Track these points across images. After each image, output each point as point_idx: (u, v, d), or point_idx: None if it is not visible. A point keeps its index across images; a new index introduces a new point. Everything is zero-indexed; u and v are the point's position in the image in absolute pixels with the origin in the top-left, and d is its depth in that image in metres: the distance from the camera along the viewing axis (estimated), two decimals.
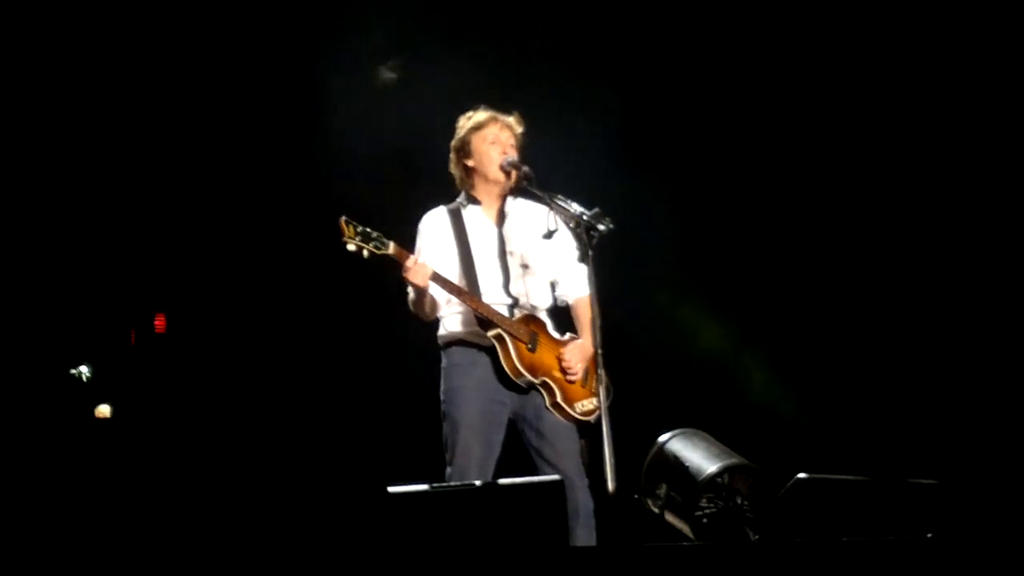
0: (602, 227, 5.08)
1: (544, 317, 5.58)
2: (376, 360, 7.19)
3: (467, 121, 5.60)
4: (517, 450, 5.51)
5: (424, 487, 4.36)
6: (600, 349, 4.99)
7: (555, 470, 5.26)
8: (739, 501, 5.15)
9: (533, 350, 5.44)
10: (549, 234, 5.44)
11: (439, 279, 5.36)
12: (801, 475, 4.69)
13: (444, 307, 5.52)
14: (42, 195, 7.05)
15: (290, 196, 7.20)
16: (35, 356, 6.94)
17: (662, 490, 5.26)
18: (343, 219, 5.20)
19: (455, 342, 5.52)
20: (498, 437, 5.43)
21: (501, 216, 5.62)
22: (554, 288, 5.65)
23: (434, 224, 5.60)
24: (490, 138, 5.55)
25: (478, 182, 5.60)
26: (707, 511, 5.16)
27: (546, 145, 5.73)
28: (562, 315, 5.65)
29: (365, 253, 5.22)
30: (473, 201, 5.62)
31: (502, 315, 5.43)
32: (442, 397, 5.50)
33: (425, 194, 5.79)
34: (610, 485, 4.75)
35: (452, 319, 5.53)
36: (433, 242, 5.55)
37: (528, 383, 5.42)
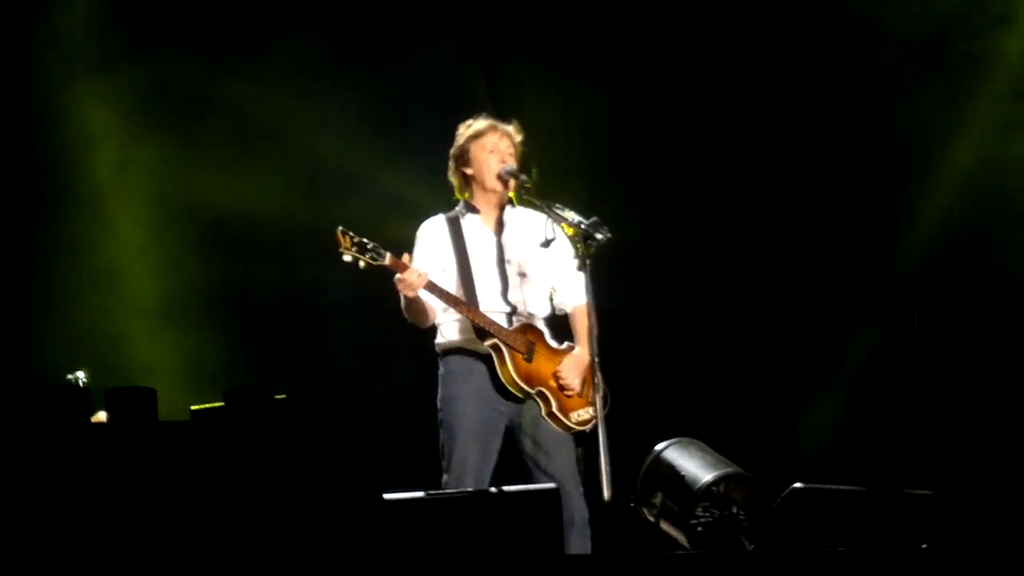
0: (600, 236, 5.09)
1: (542, 325, 5.58)
2: (373, 367, 7.18)
3: (466, 129, 5.61)
4: (513, 458, 5.50)
5: (420, 494, 4.36)
6: (597, 357, 5.00)
7: (551, 479, 5.26)
8: (735, 510, 5.15)
9: (529, 360, 5.44)
10: (547, 243, 5.45)
11: (435, 289, 5.36)
12: (797, 485, 4.69)
13: (441, 315, 5.53)
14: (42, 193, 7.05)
15: (291, 205, 7.21)
16: (30, 362, 6.93)
17: (658, 499, 5.26)
18: (339, 230, 5.21)
19: (452, 350, 5.52)
20: (495, 445, 5.43)
21: (500, 224, 5.62)
22: (552, 296, 5.66)
23: (432, 232, 5.61)
24: (489, 147, 5.55)
25: (476, 190, 5.60)
26: (703, 520, 5.16)
27: (540, 149, 5.75)
28: (560, 323, 5.65)
29: (361, 264, 5.23)
30: (472, 209, 5.62)
31: (498, 325, 5.44)
32: (439, 405, 5.50)
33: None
34: (606, 493, 4.76)
35: (450, 327, 5.53)
36: (431, 250, 5.55)
37: (524, 393, 5.42)
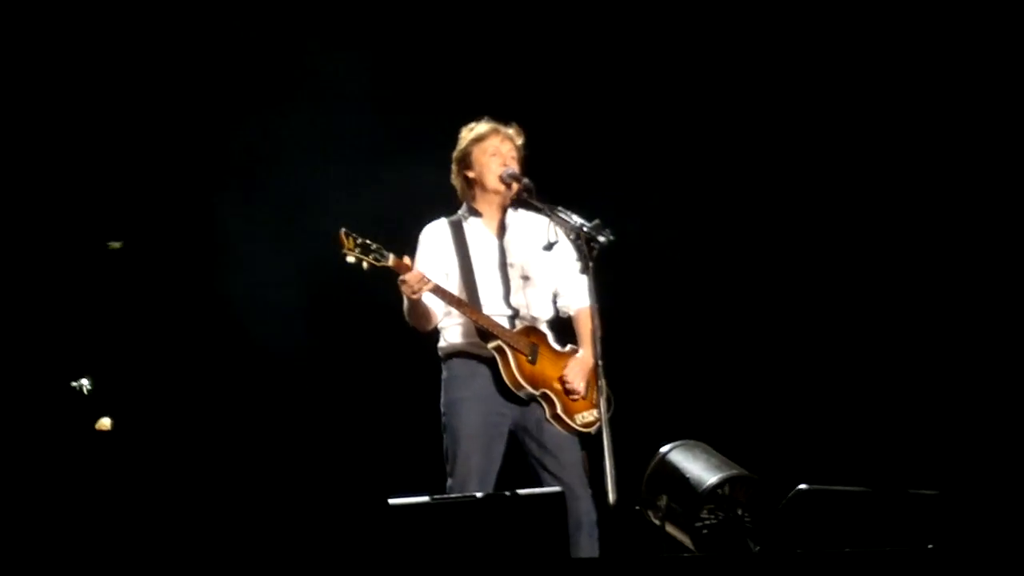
0: (602, 239, 5.09)
1: (545, 328, 5.58)
2: (376, 371, 7.18)
3: (468, 132, 5.61)
4: (518, 461, 5.50)
5: (425, 499, 4.36)
6: (601, 360, 5.00)
7: (557, 481, 5.27)
8: (740, 512, 5.14)
9: (533, 362, 5.44)
10: (549, 246, 5.46)
11: (439, 291, 5.36)
12: (802, 486, 4.68)
13: (444, 318, 5.53)
14: (41, 201, 7.04)
15: (289, 207, 7.21)
16: (35, 368, 6.93)
17: (663, 501, 5.25)
18: (343, 231, 5.21)
19: (455, 353, 5.52)
20: (499, 448, 5.43)
21: (502, 228, 5.62)
22: (555, 300, 5.66)
23: (435, 236, 5.61)
24: (490, 150, 5.56)
25: (479, 194, 5.61)
26: (708, 522, 5.15)
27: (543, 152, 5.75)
28: (563, 326, 5.66)
29: (365, 265, 5.23)
30: (474, 213, 5.62)
31: (502, 327, 5.44)
32: (443, 409, 5.50)
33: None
34: (611, 496, 4.76)
35: (452, 330, 5.53)
36: (434, 253, 5.55)
37: (528, 395, 5.42)
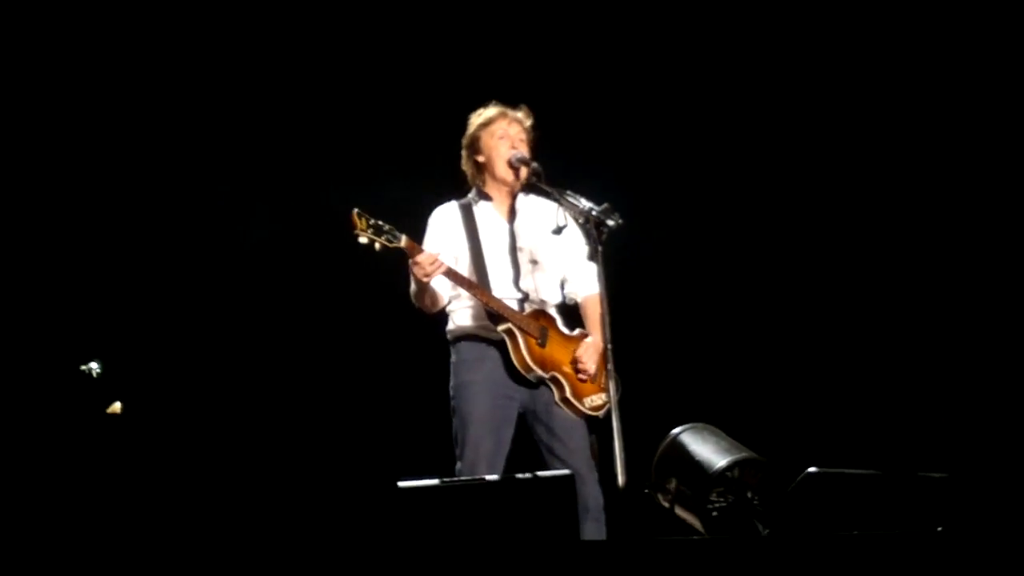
0: (611, 223, 5.07)
1: (553, 312, 5.59)
2: (386, 355, 7.19)
3: (477, 117, 5.62)
4: (527, 444, 5.51)
5: (434, 482, 4.37)
6: (610, 344, 5.00)
7: (565, 465, 5.27)
8: (749, 495, 5.15)
9: (543, 345, 5.44)
10: (558, 230, 5.45)
11: (451, 273, 5.36)
12: (811, 469, 4.68)
13: (453, 302, 5.53)
14: (49, 191, 7.05)
15: (299, 187, 7.21)
16: (44, 352, 6.95)
17: (672, 484, 5.26)
18: (355, 211, 5.19)
19: (464, 337, 5.53)
20: (508, 432, 5.43)
21: (512, 212, 5.62)
22: (563, 285, 5.66)
23: (445, 218, 5.61)
24: (499, 133, 5.56)
25: (488, 178, 5.61)
26: (717, 505, 5.15)
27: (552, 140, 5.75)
28: (571, 312, 5.66)
29: (377, 246, 5.21)
30: (484, 197, 5.62)
31: (512, 309, 5.44)
32: (451, 392, 5.50)
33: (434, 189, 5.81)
34: (620, 479, 4.76)
35: (461, 313, 5.54)
36: (443, 236, 5.55)
37: (538, 378, 5.42)
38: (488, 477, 4.85)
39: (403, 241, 5.26)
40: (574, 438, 5.45)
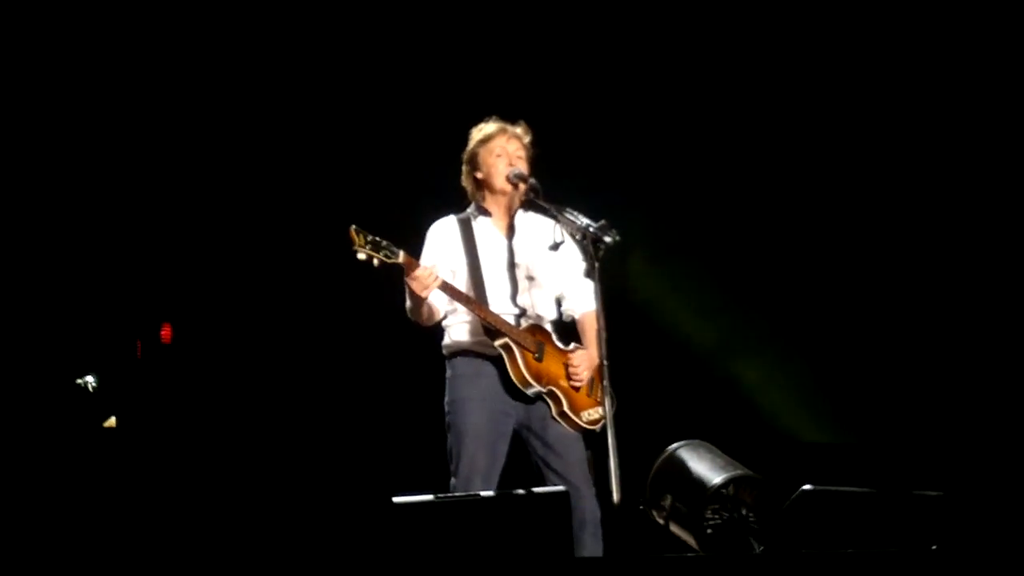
0: (608, 239, 5.08)
1: (549, 328, 5.59)
2: (381, 370, 7.19)
3: (477, 133, 5.62)
4: (522, 460, 5.51)
5: (429, 497, 4.36)
6: (606, 360, 5.00)
7: (562, 480, 5.26)
8: (744, 512, 5.15)
9: (540, 359, 5.44)
10: (555, 246, 5.45)
11: (449, 288, 5.36)
12: (806, 487, 4.69)
13: (449, 316, 5.53)
14: (47, 202, 7.05)
15: (297, 204, 7.21)
16: (41, 366, 6.94)
17: (667, 501, 5.26)
18: (353, 228, 5.19)
19: (460, 352, 5.52)
20: (503, 448, 5.42)
21: (511, 228, 5.62)
22: (560, 302, 5.66)
23: (443, 233, 5.61)
24: (496, 150, 5.56)
25: (487, 194, 5.61)
26: (712, 522, 5.15)
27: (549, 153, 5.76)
28: (567, 328, 5.66)
29: (375, 262, 5.21)
30: (483, 212, 5.63)
31: (510, 324, 5.44)
32: (447, 407, 5.49)
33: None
34: (615, 495, 4.75)
35: (457, 328, 5.53)
36: (441, 250, 5.55)
37: (536, 393, 5.42)
38: (483, 493, 4.84)
39: (401, 256, 5.26)
40: (571, 452, 5.44)
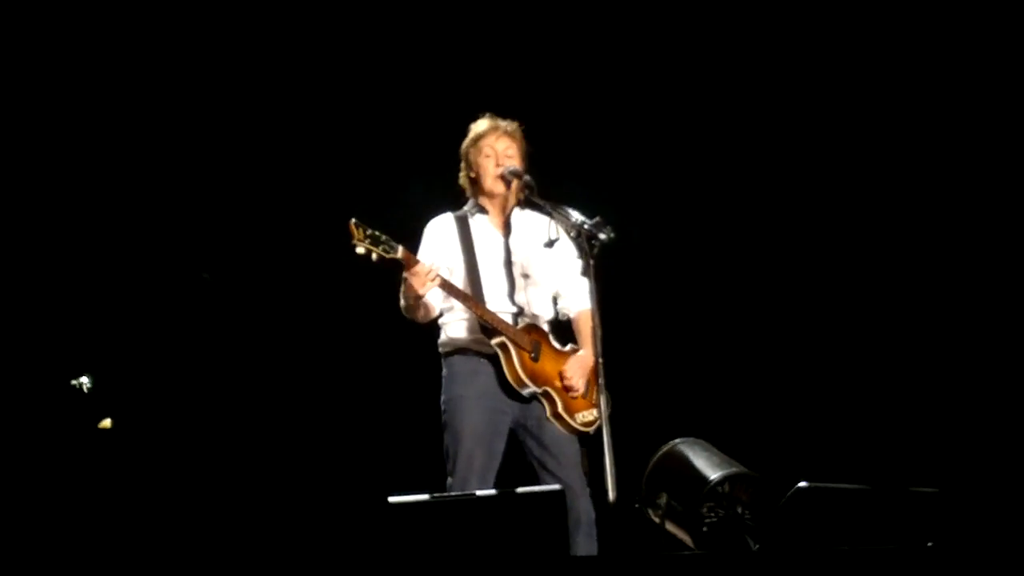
0: (603, 236, 5.08)
1: (546, 327, 5.58)
2: (376, 368, 7.18)
3: (470, 132, 5.61)
4: (518, 459, 5.50)
5: (425, 497, 4.36)
6: (601, 358, 4.99)
7: (557, 480, 5.26)
8: (740, 510, 5.15)
9: (536, 359, 5.44)
10: (550, 243, 5.45)
11: (447, 285, 5.35)
12: (802, 484, 4.69)
13: (446, 314, 5.53)
14: (43, 199, 7.04)
15: (293, 199, 7.20)
16: (35, 366, 6.93)
17: (663, 499, 5.26)
18: (353, 222, 5.17)
19: (457, 351, 5.52)
20: (499, 446, 5.42)
21: (507, 226, 5.62)
22: (556, 301, 5.66)
23: (440, 230, 5.60)
24: (485, 150, 5.55)
25: (481, 193, 5.61)
26: (708, 520, 5.15)
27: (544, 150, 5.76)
28: (563, 328, 5.66)
29: (374, 256, 5.18)
30: (480, 210, 5.62)
31: (506, 323, 5.43)
32: (443, 407, 5.49)
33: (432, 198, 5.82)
34: (611, 494, 4.75)
35: (454, 327, 5.53)
36: (438, 248, 5.54)
37: (531, 393, 5.42)
38: (479, 492, 4.84)
39: (400, 252, 5.24)
40: (566, 453, 5.44)
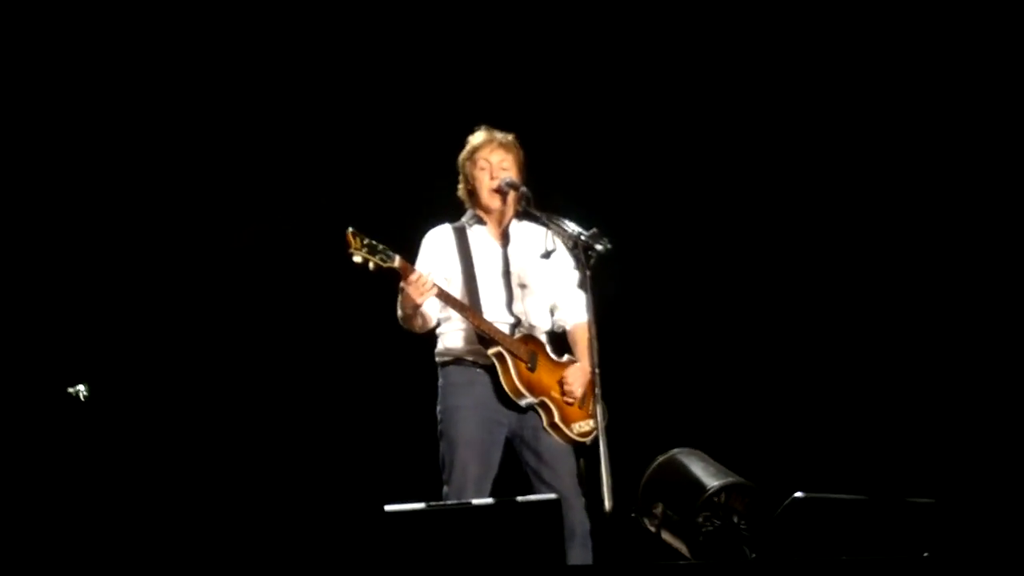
0: (599, 247, 5.09)
1: (543, 338, 5.59)
2: (373, 377, 7.18)
3: (467, 144, 5.62)
4: (514, 469, 5.50)
5: (421, 506, 4.36)
6: (598, 369, 5.00)
7: (553, 490, 5.25)
8: (736, 520, 5.15)
9: (532, 369, 5.44)
10: (547, 254, 5.46)
11: (444, 295, 5.36)
12: (798, 494, 4.69)
13: (443, 324, 5.53)
14: (41, 205, 7.04)
15: (291, 208, 7.21)
16: (32, 373, 6.93)
17: (659, 509, 5.26)
18: (350, 231, 5.17)
19: (453, 360, 5.52)
20: (495, 456, 5.42)
21: (505, 236, 5.63)
22: (552, 312, 5.66)
23: (438, 240, 5.61)
24: (480, 163, 5.56)
25: (478, 204, 5.61)
26: (704, 530, 5.15)
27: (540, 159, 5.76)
28: (559, 339, 5.66)
29: (371, 265, 5.18)
30: (479, 221, 5.63)
31: (503, 333, 5.44)
32: (439, 416, 5.49)
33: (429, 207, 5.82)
34: (607, 504, 4.76)
35: (450, 336, 5.53)
36: (436, 258, 5.55)
37: (527, 403, 5.42)
38: (475, 501, 4.84)
39: (397, 261, 5.24)
40: (561, 464, 5.44)
